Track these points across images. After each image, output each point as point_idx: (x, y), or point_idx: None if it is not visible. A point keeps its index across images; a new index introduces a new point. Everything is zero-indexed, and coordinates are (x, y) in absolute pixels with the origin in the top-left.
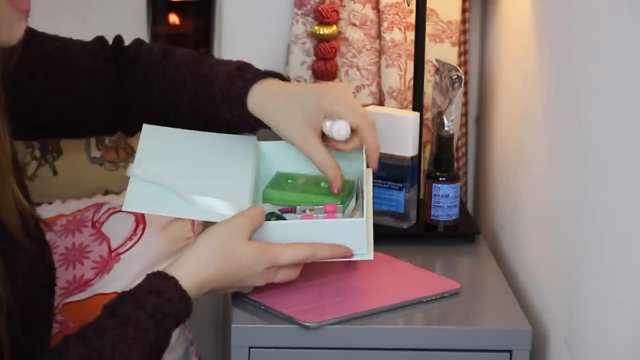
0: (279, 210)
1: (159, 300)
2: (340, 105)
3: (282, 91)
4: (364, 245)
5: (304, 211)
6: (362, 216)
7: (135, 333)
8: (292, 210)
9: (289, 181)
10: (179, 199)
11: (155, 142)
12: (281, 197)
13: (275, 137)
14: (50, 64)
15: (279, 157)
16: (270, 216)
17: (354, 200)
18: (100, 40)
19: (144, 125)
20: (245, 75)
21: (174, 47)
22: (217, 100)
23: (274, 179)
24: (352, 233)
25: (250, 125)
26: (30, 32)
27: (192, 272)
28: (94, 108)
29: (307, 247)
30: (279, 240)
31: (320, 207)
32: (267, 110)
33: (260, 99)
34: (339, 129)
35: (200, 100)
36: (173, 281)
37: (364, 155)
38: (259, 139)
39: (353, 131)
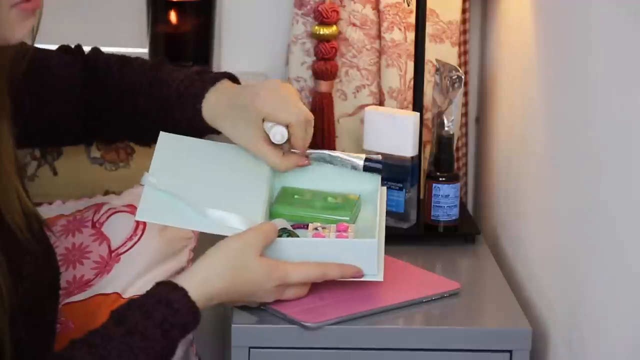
0: (291, 225)
1: (168, 311)
2: (270, 106)
3: (229, 95)
4: (375, 267)
5: (315, 229)
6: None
7: (142, 342)
8: (304, 226)
9: (296, 196)
10: (192, 211)
11: (172, 151)
12: (289, 213)
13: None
14: (37, 74)
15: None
16: (282, 232)
17: (360, 214)
18: (67, 49)
19: (161, 133)
20: (204, 77)
21: (133, 57)
22: (172, 101)
23: (280, 194)
24: (364, 254)
25: (197, 129)
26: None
27: (202, 284)
28: (73, 117)
29: (318, 267)
30: (290, 257)
31: (332, 225)
32: (218, 115)
33: (214, 103)
34: (274, 135)
35: (154, 103)
36: (183, 292)
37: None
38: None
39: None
